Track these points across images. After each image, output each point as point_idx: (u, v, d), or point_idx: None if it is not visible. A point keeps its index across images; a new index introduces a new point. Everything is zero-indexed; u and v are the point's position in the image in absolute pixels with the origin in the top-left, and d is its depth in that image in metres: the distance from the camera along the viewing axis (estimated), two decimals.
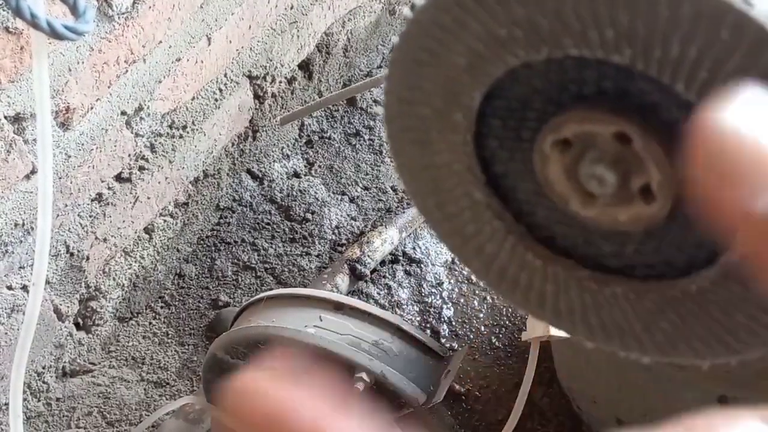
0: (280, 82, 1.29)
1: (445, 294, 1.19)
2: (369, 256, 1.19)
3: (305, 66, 1.35)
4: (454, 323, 1.16)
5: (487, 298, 1.17)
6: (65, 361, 1.12)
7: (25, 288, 0.97)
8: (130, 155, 1.05)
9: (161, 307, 1.21)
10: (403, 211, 1.26)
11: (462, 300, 1.18)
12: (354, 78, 1.48)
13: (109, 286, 1.12)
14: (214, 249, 1.26)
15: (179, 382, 1.13)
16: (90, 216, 1.03)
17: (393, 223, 1.24)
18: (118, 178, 1.05)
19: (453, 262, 1.22)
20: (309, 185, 1.33)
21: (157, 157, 1.09)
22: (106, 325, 1.15)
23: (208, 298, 1.21)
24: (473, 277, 0.97)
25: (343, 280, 1.16)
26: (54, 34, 0.58)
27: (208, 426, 1.03)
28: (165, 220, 1.18)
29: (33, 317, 0.69)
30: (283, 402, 0.21)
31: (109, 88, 0.95)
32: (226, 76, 1.16)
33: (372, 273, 1.20)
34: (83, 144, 0.96)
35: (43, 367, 1.08)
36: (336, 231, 1.27)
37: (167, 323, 1.19)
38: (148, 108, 1.03)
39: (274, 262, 1.24)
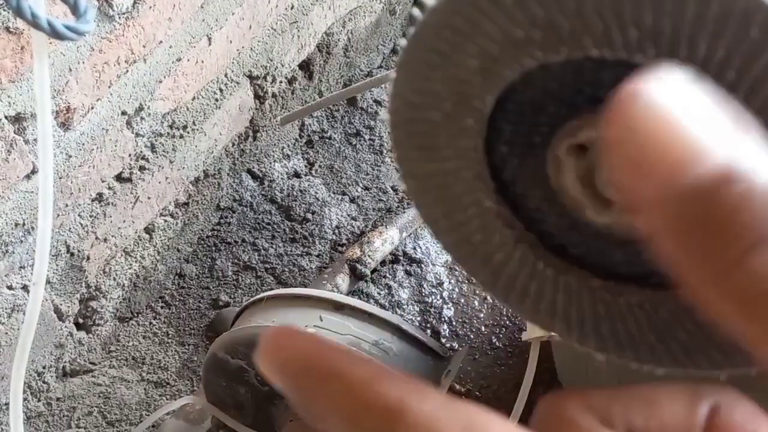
0: (281, 82, 1.29)
1: (445, 294, 1.19)
2: (369, 256, 1.19)
3: (306, 66, 1.35)
4: (454, 323, 1.15)
5: (488, 298, 1.17)
6: (65, 361, 1.12)
7: (25, 288, 0.97)
8: (130, 155, 1.05)
9: (161, 307, 1.21)
10: (404, 211, 1.26)
11: (462, 300, 1.18)
12: (354, 78, 1.48)
13: (109, 285, 1.12)
14: (214, 249, 1.26)
15: (179, 382, 1.13)
16: (90, 216, 1.03)
17: (393, 223, 1.24)
18: (119, 178, 1.05)
19: (453, 262, 1.22)
20: (309, 185, 1.33)
21: (157, 157, 1.09)
22: (106, 325, 1.15)
23: (208, 298, 1.21)
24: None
25: (343, 280, 1.16)
26: (55, 34, 0.58)
27: (208, 426, 1.03)
28: (165, 220, 1.18)
29: (33, 317, 0.69)
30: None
31: (109, 88, 0.95)
32: (226, 76, 1.16)
33: (372, 273, 1.20)
34: (84, 144, 0.96)
35: (44, 367, 1.08)
36: (336, 231, 1.27)
37: (167, 323, 1.19)
38: (149, 108, 1.03)
39: (274, 262, 1.24)
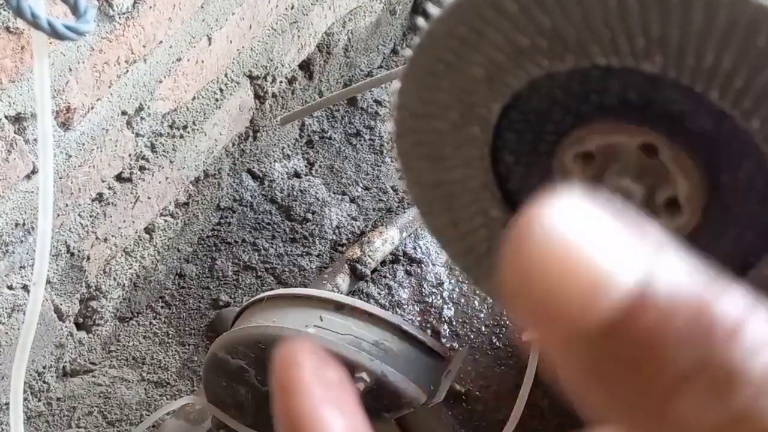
0: (281, 82, 1.29)
1: (445, 294, 1.18)
2: (369, 256, 1.19)
3: (306, 66, 1.34)
4: (454, 323, 1.15)
5: (488, 298, 1.17)
6: (66, 361, 1.12)
7: (25, 288, 0.97)
8: (130, 155, 1.05)
9: (162, 307, 1.21)
10: (404, 211, 1.26)
11: (463, 300, 1.18)
12: (355, 78, 1.48)
13: (109, 285, 1.12)
14: (214, 249, 1.26)
15: (180, 382, 1.13)
16: (90, 216, 1.03)
17: (394, 223, 1.24)
18: (119, 178, 1.05)
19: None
20: (309, 185, 1.33)
21: (157, 156, 1.09)
22: (106, 324, 1.15)
23: (208, 298, 1.21)
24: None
25: (343, 280, 1.16)
26: (55, 34, 0.58)
27: (209, 426, 1.03)
28: (165, 220, 1.18)
29: (33, 317, 0.69)
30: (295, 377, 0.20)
31: (109, 88, 0.95)
32: (226, 76, 1.16)
33: (372, 273, 1.20)
34: (84, 144, 0.96)
35: (44, 367, 1.08)
36: (336, 231, 1.27)
37: (168, 323, 1.19)
38: (149, 108, 1.03)
39: (274, 262, 1.24)
